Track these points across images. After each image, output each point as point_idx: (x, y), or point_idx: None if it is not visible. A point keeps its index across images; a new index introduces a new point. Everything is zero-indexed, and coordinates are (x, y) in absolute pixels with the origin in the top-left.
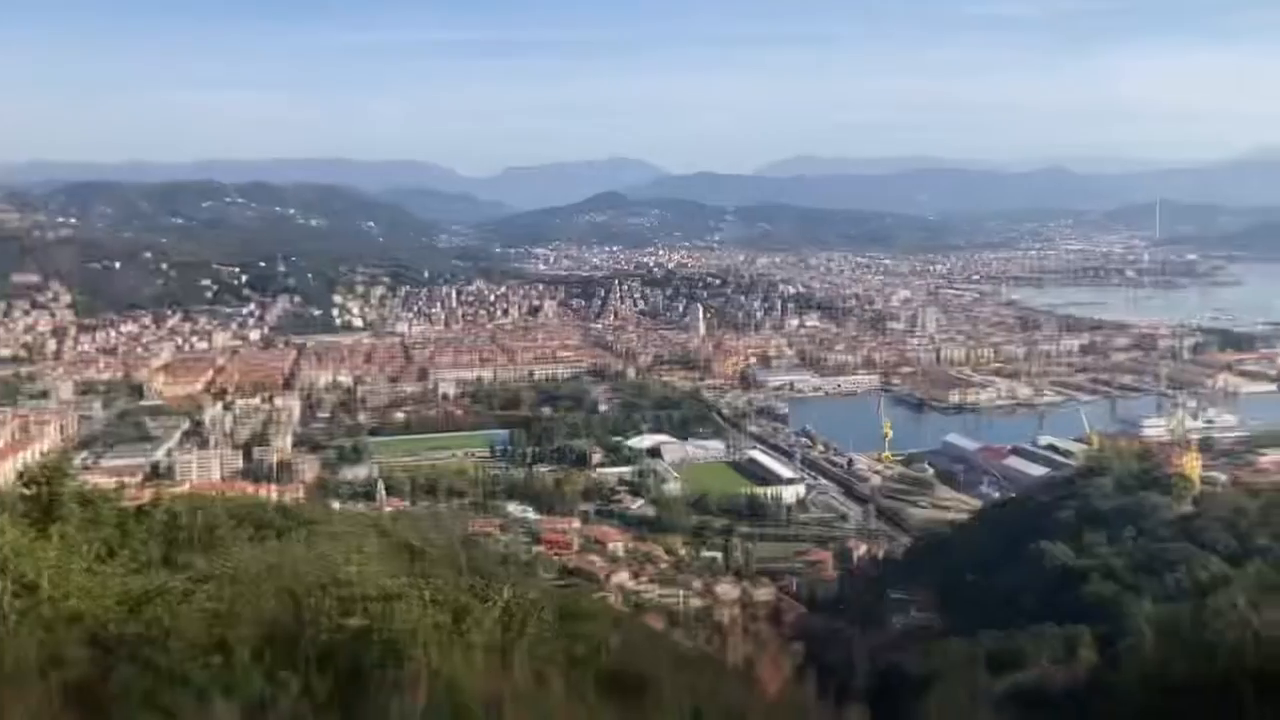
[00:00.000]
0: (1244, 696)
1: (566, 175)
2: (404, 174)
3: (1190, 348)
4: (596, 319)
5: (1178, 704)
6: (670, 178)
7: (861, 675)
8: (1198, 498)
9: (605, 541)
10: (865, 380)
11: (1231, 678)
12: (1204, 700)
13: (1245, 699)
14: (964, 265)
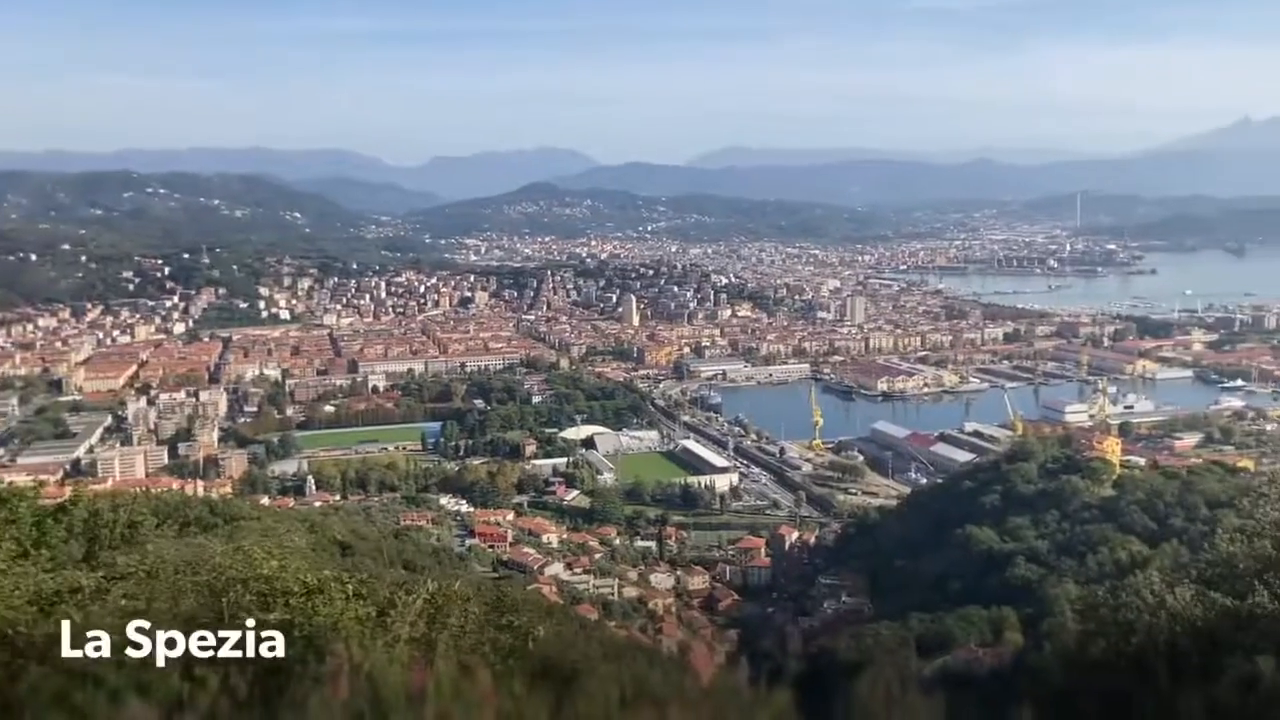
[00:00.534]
0: (1158, 672)
1: (496, 165)
2: (329, 163)
3: (1110, 335)
4: (529, 310)
5: (1096, 681)
6: (602, 168)
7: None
8: (1118, 481)
9: (540, 533)
10: (796, 369)
11: (1146, 655)
12: (1120, 677)
13: (1159, 675)
14: (892, 255)
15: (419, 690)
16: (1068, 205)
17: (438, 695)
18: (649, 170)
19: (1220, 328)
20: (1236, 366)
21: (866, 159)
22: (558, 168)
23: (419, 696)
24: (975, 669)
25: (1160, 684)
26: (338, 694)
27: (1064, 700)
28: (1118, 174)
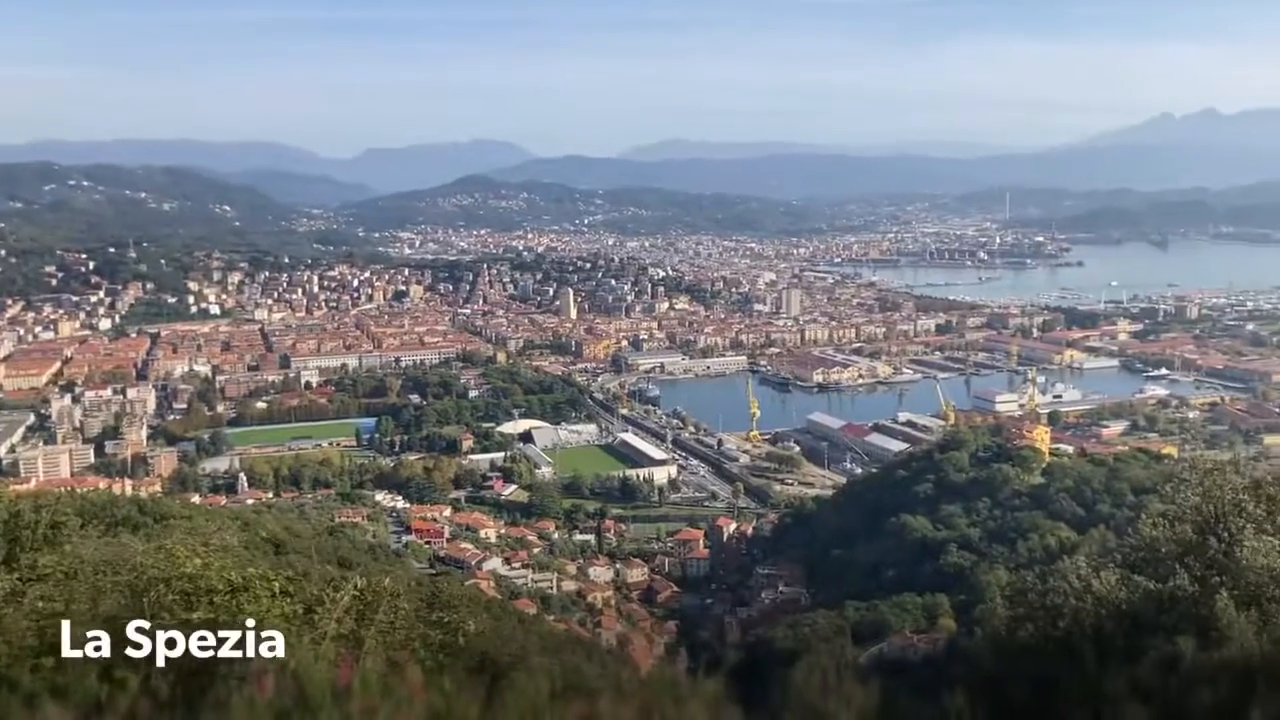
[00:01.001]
0: (1084, 655)
1: (431, 157)
2: (260, 156)
3: (1039, 326)
4: (465, 303)
5: (1024, 665)
6: (538, 160)
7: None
8: (1047, 469)
9: (477, 528)
10: (733, 361)
11: (1073, 638)
12: (1048, 660)
13: (1085, 657)
14: (826, 248)
15: (345, 687)
16: (997, 199)
17: (364, 692)
18: (585, 163)
19: (1145, 318)
20: (1160, 356)
21: (801, 152)
22: (493, 160)
23: (344, 693)
24: (910, 655)
25: (1086, 666)
26: (262, 693)
27: (993, 684)
28: (1046, 168)
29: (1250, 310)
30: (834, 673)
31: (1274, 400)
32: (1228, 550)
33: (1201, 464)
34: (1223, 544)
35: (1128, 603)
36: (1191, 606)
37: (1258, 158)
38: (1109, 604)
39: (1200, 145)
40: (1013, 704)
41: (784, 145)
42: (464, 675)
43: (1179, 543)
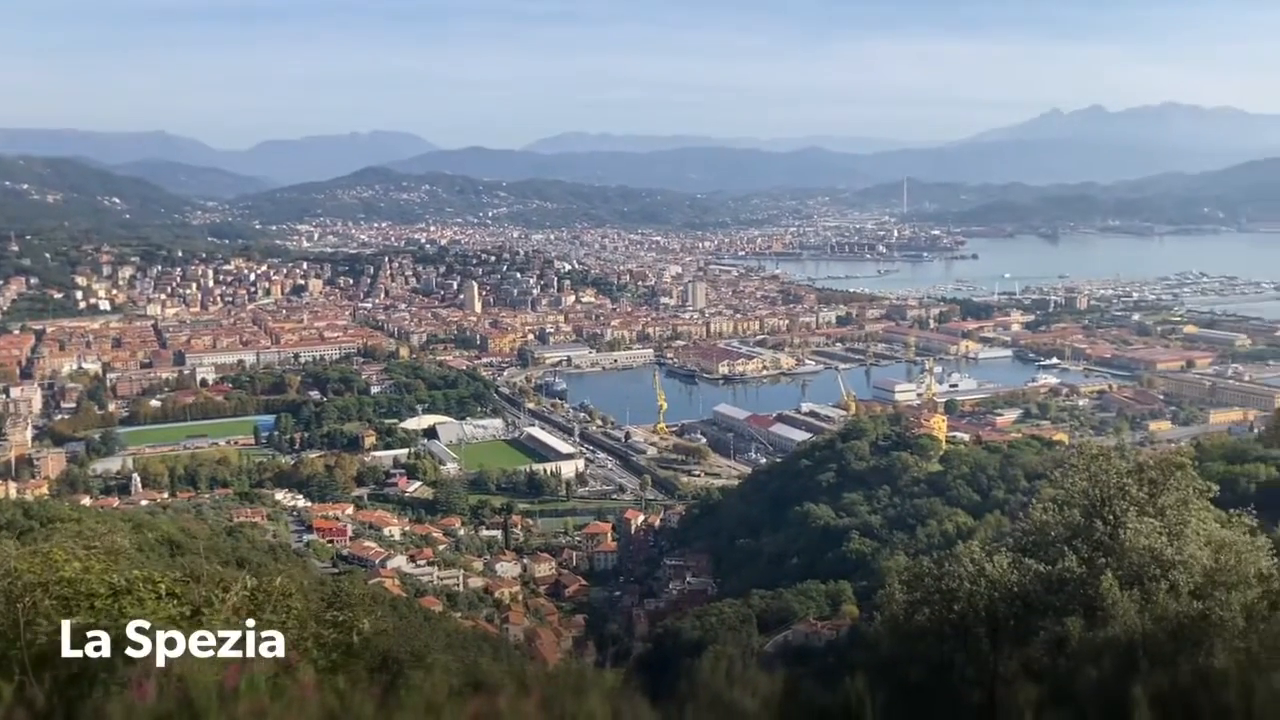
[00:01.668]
0: (978, 636)
1: (329, 148)
2: (149, 146)
3: (936, 317)
4: (366, 298)
5: (921, 648)
6: (440, 152)
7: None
8: (944, 456)
9: (381, 526)
10: (640, 354)
11: (967, 621)
12: (944, 643)
13: (979, 639)
14: (731, 241)
15: (231, 689)
16: (895, 193)
17: (250, 693)
18: (488, 155)
19: (1036, 309)
20: (1051, 345)
21: (707, 146)
22: (394, 151)
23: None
24: (814, 642)
25: (980, 647)
26: (144, 697)
27: (892, 668)
28: (941, 163)
29: (1136, 301)
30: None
31: (1158, 388)
32: (1113, 532)
33: (1088, 450)
34: (1108, 526)
35: (1019, 585)
36: (1079, 587)
37: (1142, 154)
38: (1001, 587)
39: (1088, 141)
40: (910, 686)
41: (690, 138)
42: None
43: (1067, 526)
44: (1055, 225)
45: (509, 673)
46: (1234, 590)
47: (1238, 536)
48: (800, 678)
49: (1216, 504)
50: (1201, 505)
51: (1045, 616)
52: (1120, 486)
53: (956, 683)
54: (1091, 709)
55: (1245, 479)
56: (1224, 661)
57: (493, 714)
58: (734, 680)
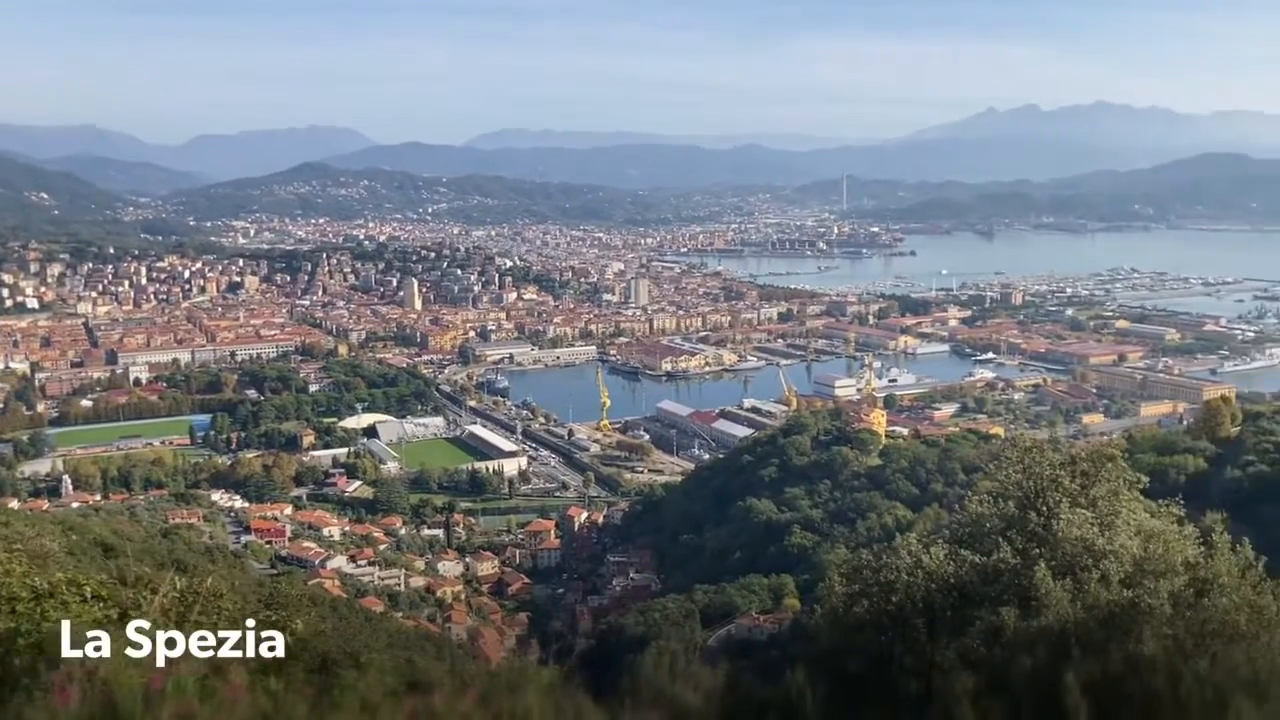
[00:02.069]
0: (916, 627)
1: (266, 144)
2: (80, 141)
3: (875, 313)
4: (304, 295)
5: (860, 640)
6: (379, 147)
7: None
8: (884, 451)
9: (320, 526)
10: (583, 351)
11: (905, 612)
12: (883, 634)
13: (917, 629)
14: (673, 238)
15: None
16: (835, 190)
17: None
18: (427, 150)
19: (973, 305)
20: (987, 341)
21: (644, 143)
22: (332, 147)
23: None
24: (757, 636)
25: (918, 638)
26: (67, 702)
27: (832, 659)
28: (880, 160)
29: (1069, 296)
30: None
31: (1091, 381)
32: (1046, 523)
33: (1022, 443)
34: (1042, 518)
35: (955, 576)
36: (1014, 578)
37: (1075, 152)
38: (938, 578)
39: (1022, 139)
40: (850, 677)
41: (630, 135)
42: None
43: (1002, 518)
44: (991, 222)
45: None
46: (1162, 578)
47: (1166, 526)
48: (742, 672)
49: (1146, 494)
50: (1131, 496)
51: (981, 607)
52: (1053, 478)
53: (895, 673)
54: (1026, 697)
55: (1175, 470)
56: (1153, 648)
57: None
58: (676, 675)
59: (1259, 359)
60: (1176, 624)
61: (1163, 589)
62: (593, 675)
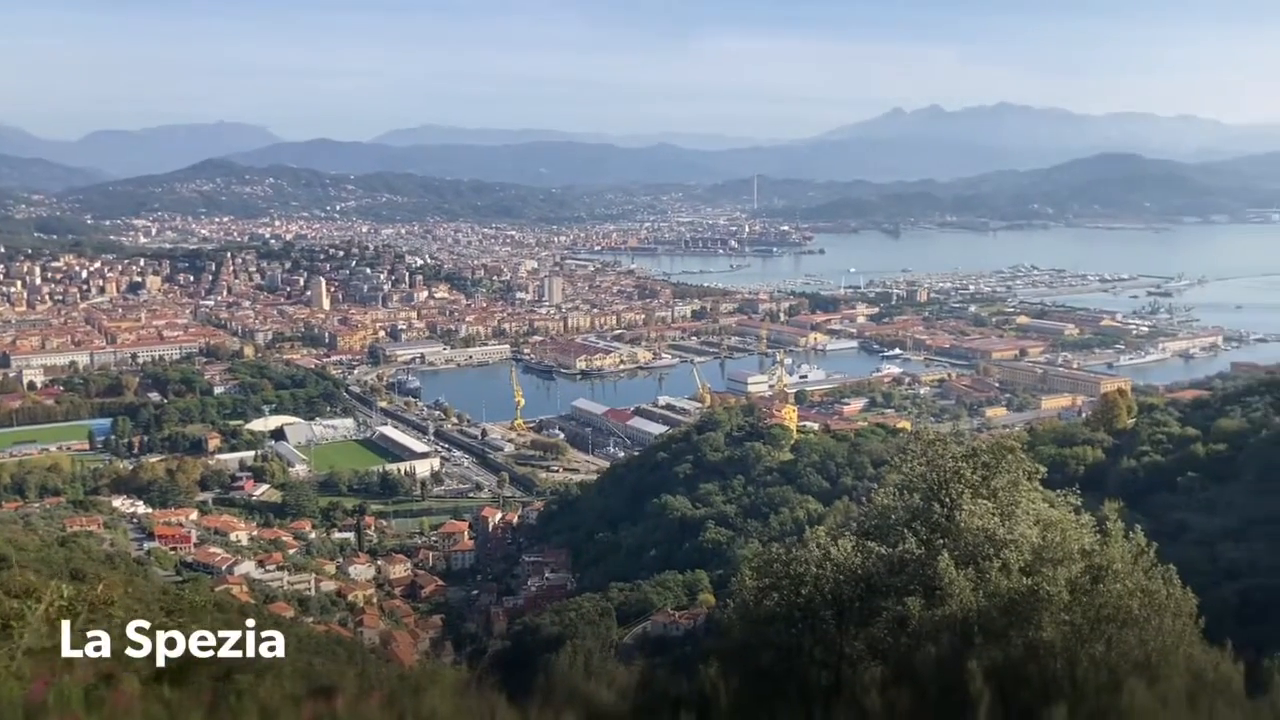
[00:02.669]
0: (825, 619)
1: (167, 140)
2: None
3: (786, 310)
4: (208, 295)
5: (770, 632)
6: (285, 144)
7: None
8: (795, 446)
9: (227, 531)
10: (496, 350)
11: (814, 604)
12: (792, 626)
13: (826, 621)
14: (586, 236)
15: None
16: (746, 189)
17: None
18: (336, 147)
19: (880, 302)
20: (895, 337)
21: (555, 140)
22: (237, 143)
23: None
24: (672, 632)
25: (827, 630)
26: None
27: (743, 653)
28: (790, 160)
29: (973, 293)
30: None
31: (994, 376)
32: (949, 514)
33: (926, 436)
34: (945, 509)
35: (862, 568)
36: (919, 568)
37: (978, 152)
38: (846, 570)
39: (928, 139)
40: (761, 671)
41: (541, 133)
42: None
43: (908, 510)
44: (897, 221)
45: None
46: (1060, 566)
47: (1063, 515)
48: (656, 668)
49: (1047, 485)
50: (1031, 486)
51: (887, 597)
52: (955, 471)
53: (805, 665)
54: (931, 684)
55: (1074, 461)
56: (1051, 633)
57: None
58: (591, 674)
59: (1153, 353)
60: (1074, 610)
61: (1060, 576)
62: (507, 676)
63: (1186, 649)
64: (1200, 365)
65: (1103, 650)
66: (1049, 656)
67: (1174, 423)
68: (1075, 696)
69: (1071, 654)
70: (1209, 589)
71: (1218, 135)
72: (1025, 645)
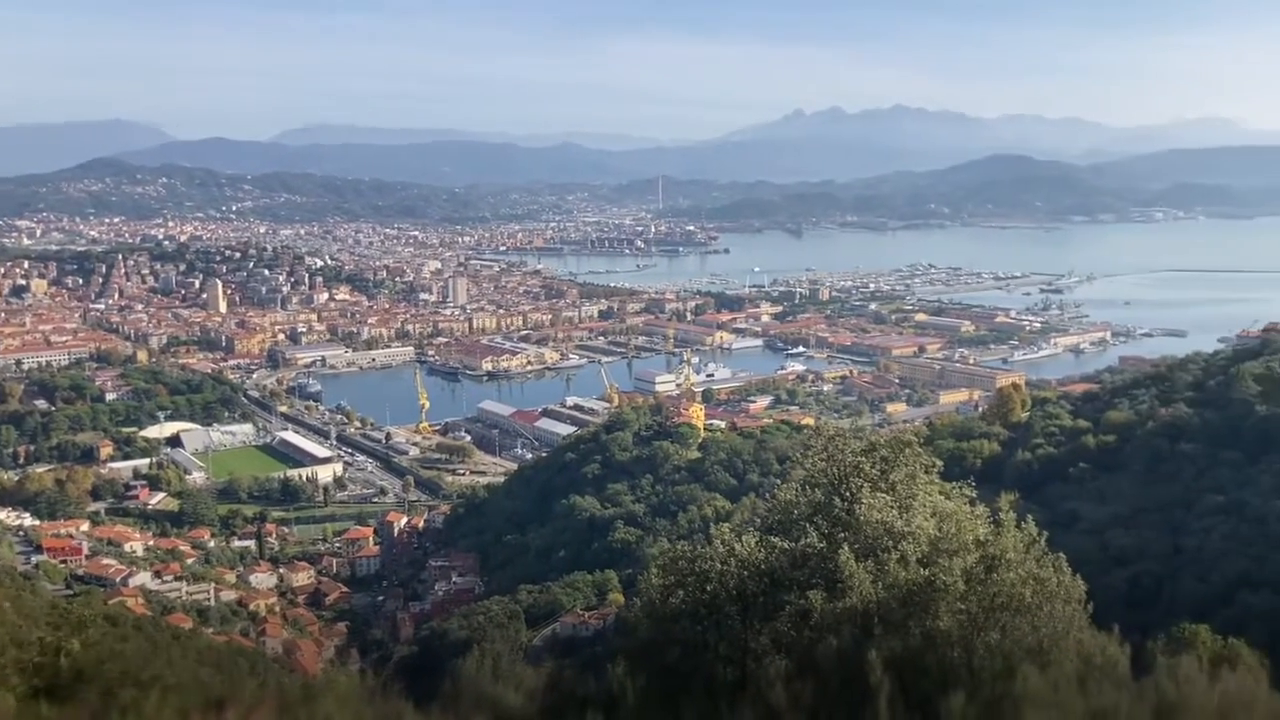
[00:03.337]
0: (730, 614)
1: (52, 138)
2: None
3: (692, 310)
4: (98, 298)
5: (677, 630)
6: (178, 143)
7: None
8: (703, 444)
9: (121, 542)
10: (400, 352)
11: (719, 600)
12: (698, 622)
13: (731, 617)
14: (491, 236)
15: None
16: (651, 189)
17: None
18: (231, 146)
19: (784, 300)
20: (798, 335)
21: (457, 140)
22: (127, 142)
23: None
24: (581, 633)
25: (732, 625)
26: None
27: (650, 651)
28: (694, 160)
29: (873, 291)
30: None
31: (894, 372)
32: (849, 508)
33: (826, 431)
34: (845, 503)
35: (766, 563)
36: (820, 562)
37: (876, 153)
38: (750, 565)
39: (828, 140)
40: (667, 668)
41: (443, 132)
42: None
43: (810, 504)
44: (800, 221)
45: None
46: (955, 556)
47: (958, 507)
48: (564, 669)
49: (945, 477)
50: (928, 480)
51: (791, 591)
52: (855, 465)
53: (710, 661)
54: (833, 676)
55: (971, 454)
56: (948, 623)
57: None
58: (498, 677)
59: (1045, 348)
60: (969, 599)
61: (956, 567)
62: (414, 682)
63: (1076, 634)
64: (1090, 359)
65: (997, 638)
66: (946, 645)
67: (1066, 415)
68: (971, 684)
69: (967, 642)
70: (1099, 576)
71: (1104, 137)
72: (923, 635)
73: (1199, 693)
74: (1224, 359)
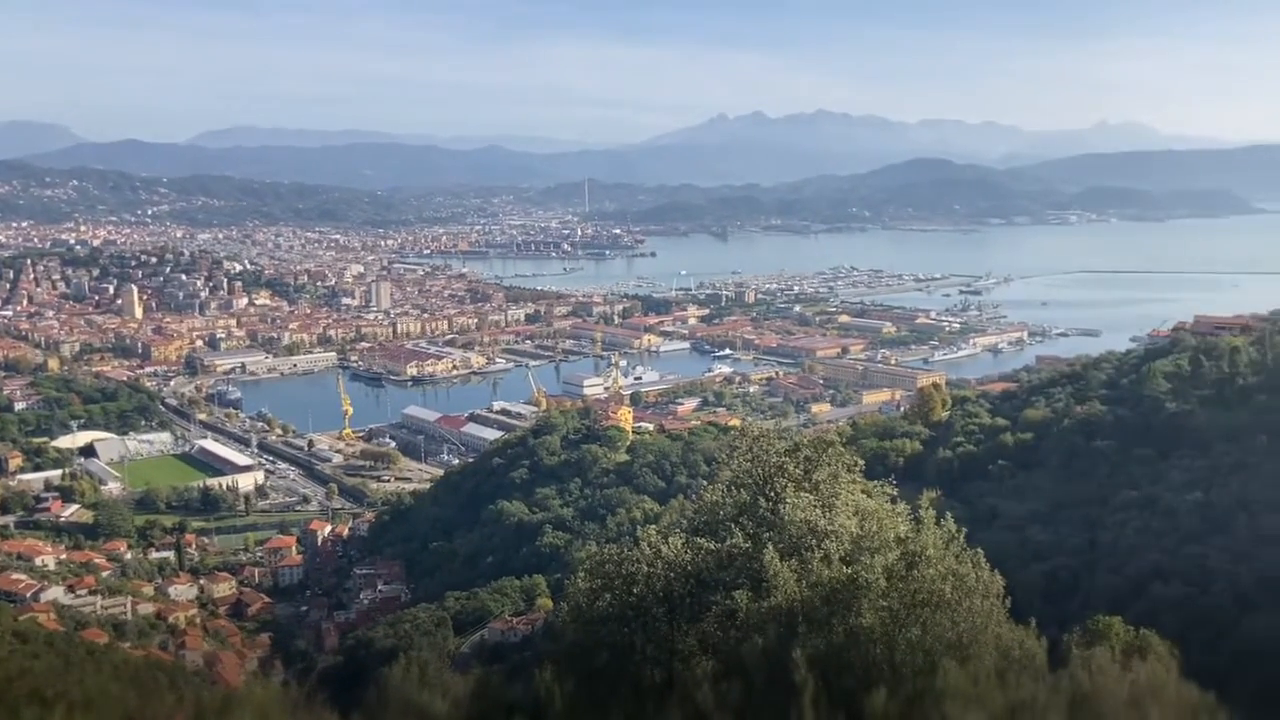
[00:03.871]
0: (656, 616)
1: None
2: None
3: (620, 313)
4: (5, 305)
5: (604, 632)
6: (89, 145)
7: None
8: (631, 447)
9: (32, 555)
10: (322, 358)
11: (646, 602)
12: (625, 624)
13: (658, 618)
14: (415, 240)
15: None
16: (577, 192)
17: None
18: (145, 148)
19: (711, 303)
20: (724, 337)
21: (385, 142)
22: (34, 143)
23: None
24: (510, 638)
25: (659, 627)
26: None
27: (578, 655)
28: (619, 164)
29: (797, 294)
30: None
31: (819, 373)
32: (774, 508)
33: (751, 432)
34: (770, 502)
35: (693, 564)
36: (746, 561)
37: (799, 157)
38: (677, 567)
39: (751, 145)
40: (595, 671)
41: (364, 134)
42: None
43: (735, 505)
44: (724, 224)
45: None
46: (877, 554)
47: (880, 505)
48: (491, 675)
49: (868, 476)
50: (850, 478)
51: (717, 591)
52: (779, 465)
53: (638, 663)
54: (759, 675)
55: (894, 453)
56: (870, 619)
57: None
58: (425, 684)
59: (965, 348)
60: (890, 596)
61: (877, 564)
62: (339, 692)
63: (995, 628)
64: (1008, 359)
65: (918, 633)
66: (868, 642)
67: (985, 414)
68: (893, 680)
69: (889, 638)
70: (1018, 570)
71: (1019, 141)
72: (846, 632)
73: (1112, 682)
74: (1136, 358)
